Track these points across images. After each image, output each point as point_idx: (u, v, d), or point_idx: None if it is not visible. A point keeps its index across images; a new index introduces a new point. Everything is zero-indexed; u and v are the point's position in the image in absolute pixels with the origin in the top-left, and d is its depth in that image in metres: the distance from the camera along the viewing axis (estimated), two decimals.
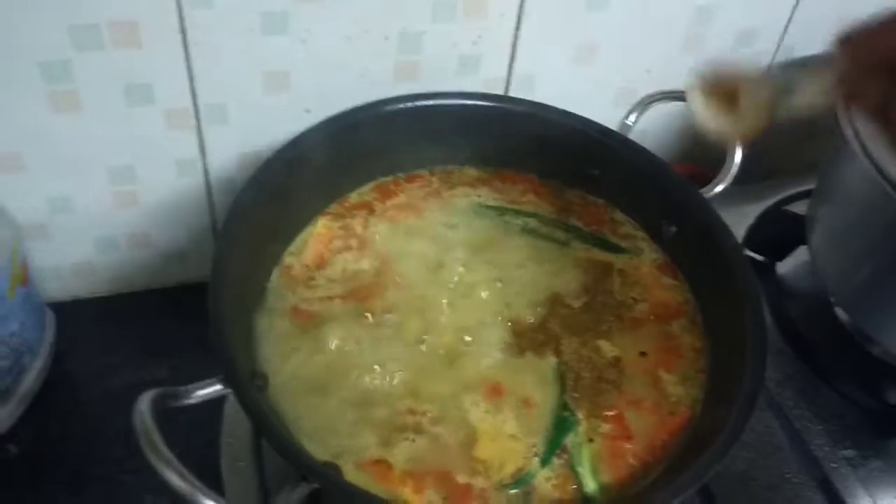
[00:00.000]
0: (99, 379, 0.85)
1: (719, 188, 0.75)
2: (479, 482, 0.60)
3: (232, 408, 0.74)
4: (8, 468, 0.78)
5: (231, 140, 0.83)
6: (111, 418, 0.81)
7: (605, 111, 0.92)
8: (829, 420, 0.83)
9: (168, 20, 0.72)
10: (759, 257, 0.95)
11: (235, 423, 0.73)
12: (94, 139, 0.78)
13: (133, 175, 0.82)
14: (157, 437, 0.48)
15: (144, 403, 0.50)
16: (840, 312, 0.92)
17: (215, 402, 0.74)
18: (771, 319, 0.90)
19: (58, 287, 0.89)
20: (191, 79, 0.77)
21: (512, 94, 0.89)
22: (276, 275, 0.71)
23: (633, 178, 0.77)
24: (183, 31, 0.74)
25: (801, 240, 0.92)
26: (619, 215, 0.80)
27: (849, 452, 0.81)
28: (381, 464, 0.59)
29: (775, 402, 0.83)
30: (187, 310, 0.90)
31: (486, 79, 0.87)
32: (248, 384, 0.57)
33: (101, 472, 0.78)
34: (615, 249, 0.77)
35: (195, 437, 0.74)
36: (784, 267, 0.96)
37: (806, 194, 1.01)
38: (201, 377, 0.70)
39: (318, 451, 0.60)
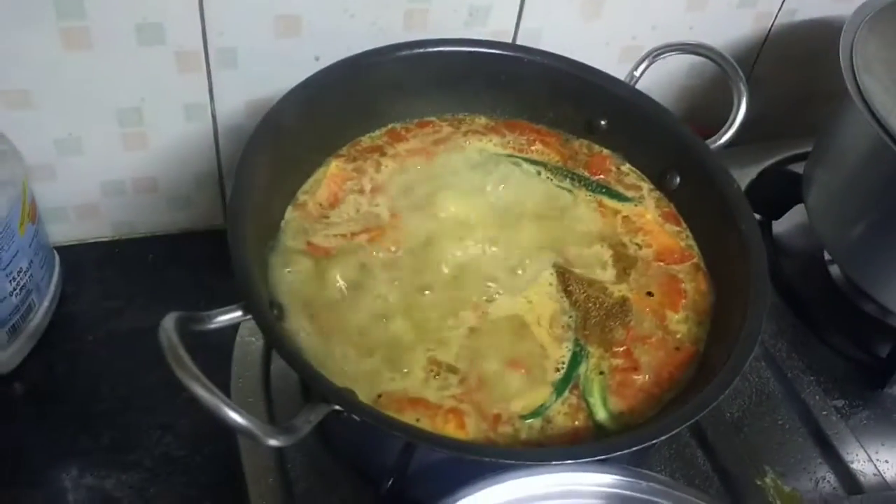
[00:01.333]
0: (103, 321, 0.85)
1: (724, 139, 0.76)
2: (505, 412, 0.62)
3: (241, 346, 0.75)
4: (15, 405, 0.78)
5: (240, 86, 0.84)
6: (117, 359, 0.82)
7: (609, 67, 0.92)
8: (821, 372, 0.85)
9: None
10: (756, 216, 0.97)
11: (245, 361, 0.74)
12: (104, 79, 0.78)
13: (141, 117, 0.83)
14: (182, 353, 0.49)
15: (169, 322, 0.51)
16: (834, 269, 0.94)
17: (224, 346, 0.76)
18: None
19: (63, 230, 0.89)
20: (202, 20, 0.77)
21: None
22: (290, 211, 0.71)
23: (639, 128, 0.79)
24: None
25: (797, 199, 0.93)
26: (625, 166, 0.81)
27: (839, 402, 0.84)
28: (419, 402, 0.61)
29: (769, 353, 0.86)
30: (191, 257, 0.92)
31: (494, 31, 0.88)
32: (268, 311, 0.58)
33: (106, 409, 0.79)
34: (620, 198, 0.78)
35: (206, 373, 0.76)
36: (780, 225, 0.98)
37: (804, 156, 1.03)
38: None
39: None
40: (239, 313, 0.56)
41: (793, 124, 1.09)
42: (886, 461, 0.80)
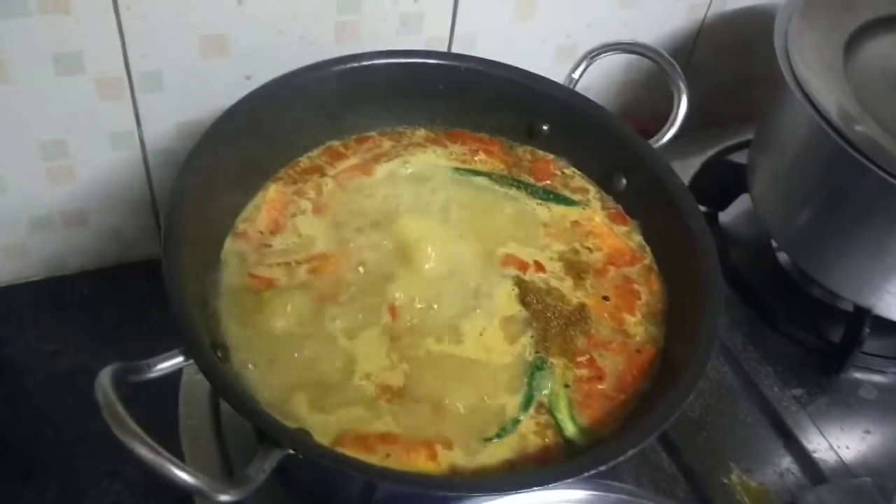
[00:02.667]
0: (42, 365, 0.81)
1: (667, 138, 0.75)
2: (471, 436, 0.60)
3: (188, 386, 0.72)
4: None
5: (168, 109, 0.80)
6: (59, 404, 0.79)
7: (547, 67, 0.91)
8: (777, 361, 0.85)
9: None
10: (702, 208, 0.97)
11: (193, 401, 0.71)
12: (24, 112, 0.75)
13: (65, 150, 0.79)
14: (121, 410, 0.46)
15: (105, 377, 0.48)
16: (782, 257, 0.95)
17: (169, 384, 0.73)
18: None
19: None
20: (123, 45, 0.74)
21: (455, 52, 0.88)
22: (229, 241, 0.68)
23: (581, 131, 0.78)
24: None
25: (742, 188, 0.94)
26: (569, 169, 0.80)
27: (797, 391, 0.84)
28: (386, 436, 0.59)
29: (725, 346, 0.86)
30: (128, 289, 0.89)
31: (428, 38, 0.86)
32: (211, 354, 0.55)
33: (53, 459, 0.75)
34: (568, 202, 0.77)
35: (152, 416, 0.73)
36: (726, 216, 0.98)
37: (745, 144, 1.04)
38: (146, 358, 0.68)
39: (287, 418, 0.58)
40: (180, 359, 0.54)
41: (731, 111, 1.09)
42: (847, 447, 0.80)
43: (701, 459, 0.76)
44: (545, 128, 0.79)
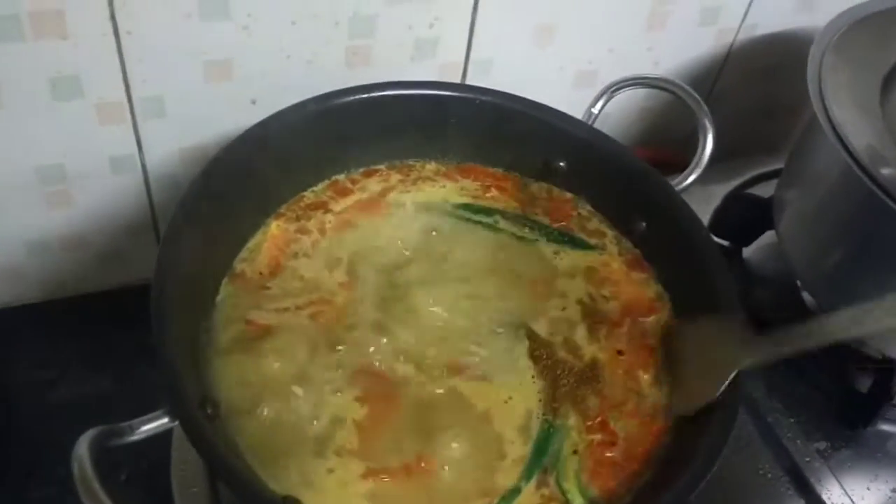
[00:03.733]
0: (37, 394, 0.79)
1: (690, 179, 0.72)
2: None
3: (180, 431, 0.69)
4: None
5: (170, 135, 0.77)
6: (55, 435, 0.75)
7: (565, 95, 0.89)
8: (800, 411, 0.82)
9: (96, 6, 0.66)
10: (724, 242, 0.93)
11: (185, 447, 0.68)
12: (19, 137, 0.72)
13: (63, 174, 0.76)
14: (96, 486, 0.44)
15: (83, 447, 0.45)
16: (808, 297, 0.91)
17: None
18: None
19: None
20: (123, 70, 0.71)
21: (470, 79, 0.85)
22: (226, 285, 0.65)
23: (600, 169, 0.74)
24: (113, 17, 0.67)
25: (767, 224, 0.90)
26: (586, 209, 0.76)
27: (821, 444, 0.80)
28: None
29: (746, 393, 0.82)
30: (129, 314, 0.85)
31: (442, 64, 0.82)
32: (198, 416, 0.52)
33: (45, 495, 0.72)
34: (584, 246, 0.73)
35: (144, 458, 0.70)
36: (750, 251, 0.94)
37: (769, 175, 0.99)
38: (146, 389, 0.65)
39: (282, 478, 0.55)
40: (165, 420, 0.51)
41: (755, 140, 1.05)
42: None
43: None
44: (562, 164, 0.75)
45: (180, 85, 0.74)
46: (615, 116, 0.95)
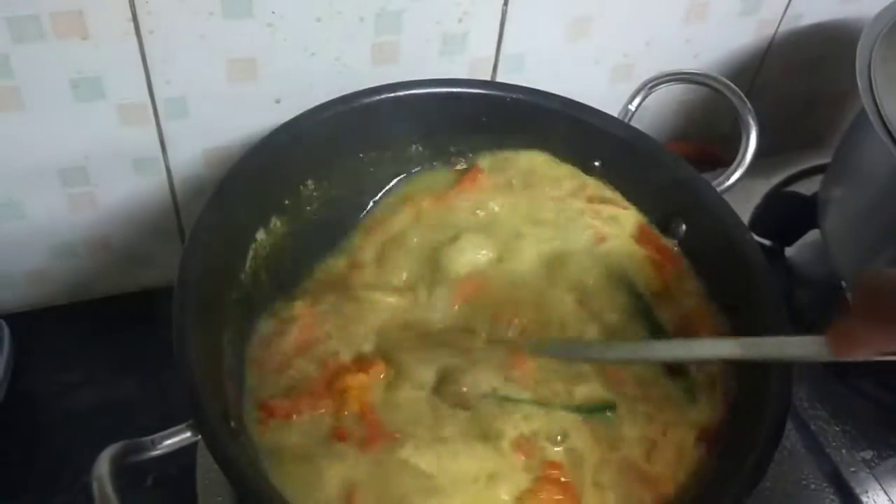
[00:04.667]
0: (62, 397, 0.78)
1: (732, 179, 0.69)
2: None
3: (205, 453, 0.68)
4: None
5: (194, 135, 0.76)
6: (78, 441, 0.75)
7: (601, 90, 0.86)
8: (845, 420, 0.78)
9: (118, 6, 0.65)
10: (765, 241, 0.90)
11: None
12: (41, 139, 0.71)
13: (86, 176, 0.75)
14: None
15: (103, 466, 0.44)
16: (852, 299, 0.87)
17: None
18: None
19: (11, 297, 0.82)
20: (146, 70, 0.69)
21: (501, 75, 0.82)
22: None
23: (638, 170, 0.71)
24: (135, 17, 0.66)
25: (811, 222, 0.86)
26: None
27: (866, 453, 0.77)
28: None
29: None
30: (154, 316, 0.84)
31: (472, 59, 0.80)
32: (221, 431, 0.50)
33: (68, 501, 0.71)
34: None
35: (172, 463, 0.69)
36: (792, 251, 0.90)
37: (812, 171, 0.96)
38: (173, 391, 0.64)
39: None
40: (187, 434, 0.49)
41: (797, 135, 1.01)
42: None
43: None
44: (597, 164, 0.72)
45: (204, 85, 0.72)
46: (652, 111, 0.92)
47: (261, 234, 0.67)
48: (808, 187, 0.93)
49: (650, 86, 0.71)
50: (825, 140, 1.05)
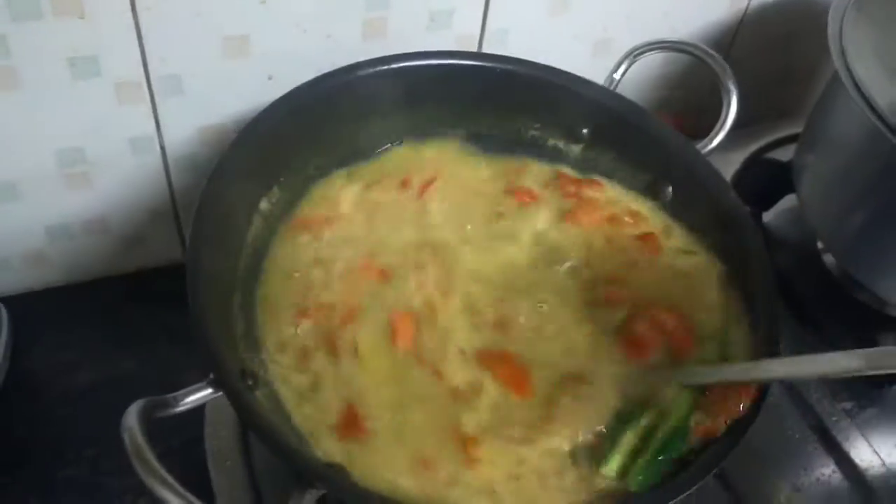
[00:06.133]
0: (62, 376, 0.79)
1: (715, 142, 0.71)
2: None
3: (213, 406, 0.69)
4: None
5: (189, 113, 0.77)
6: (81, 417, 0.76)
7: (583, 64, 0.88)
8: None
9: None
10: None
11: (218, 421, 0.68)
12: (38, 118, 0.71)
13: (83, 156, 0.76)
14: (149, 455, 0.44)
15: (132, 418, 0.45)
16: (828, 260, 0.91)
17: None
18: None
19: (8, 279, 0.82)
20: (141, 48, 0.70)
21: (486, 49, 0.84)
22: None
23: (625, 136, 0.74)
24: None
25: (787, 187, 0.89)
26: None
27: (847, 404, 0.80)
28: None
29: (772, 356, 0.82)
30: (150, 295, 0.86)
31: (458, 35, 0.82)
32: (240, 386, 0.52)
33: (73, 474, 0.73)
34: None
35: (177, 434, 0.70)
36: (770, 216, 0.94)
37: (787, 140, 0.99)
38: (171, 368, 0.65)
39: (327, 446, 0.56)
40: (208, 391, 0.51)
41: (771, 106, 1.05)
42: None
43: (748, 480, 0.72)
44: (585, 131, 0.75)
45: (198, 62, 0.73)
46: (632, 84, 0.94)
47: (264, 204, 0.68)
48: (784, 155, 0.96)
49: (635, 54, 0.74)
50: (800, 111, 1.08)
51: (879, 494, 0.74)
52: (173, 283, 0.57)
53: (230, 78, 0.76)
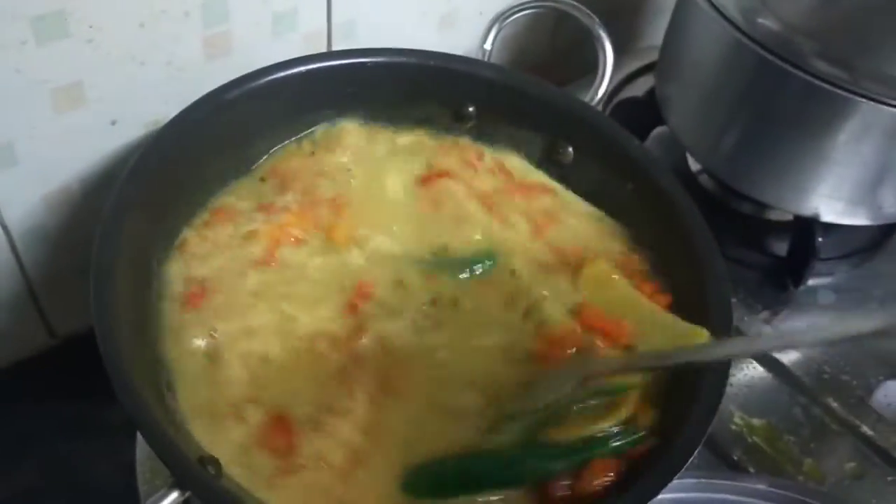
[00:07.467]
0: None
1: (600, 94, 0.70)
2: None
3: None
4: None
5: (28, 182, 0.68)
6: None
7: (434, 40, 0.85)
8: (737, 290, 0.84)
9: None
10: None
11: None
12: None
13: None
14: None
15: None
16: (704, 181, 0.93)
17: None
18: None
19: None
20: None
21: (336, 44, 0.79)
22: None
23: (512, 105, 0.71)
24: None
25: (653, 121, 0.91)
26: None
27: (763, 315, 0.83)
28: None
29: None
30: (24, 389, 0.75)
31: (305, 34, 0.76)
32: (206, 478, 0.46)
33: None
34: None
35: None
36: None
37: (631, 77, 1.01)
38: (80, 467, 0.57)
39: None
40: (175, 494, 0.44)
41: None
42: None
43: None
44: (471, 109, 0.72)
45: (29, 123, 0.64)
46: (506, 53, 0.92)
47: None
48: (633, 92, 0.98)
49: (502, 19, 0.71)
50: (630, 45, 1.11)
51: (804, 381, 0.77)
52: (47, 372, 0.50)
53: (68, 133, 0.67)
